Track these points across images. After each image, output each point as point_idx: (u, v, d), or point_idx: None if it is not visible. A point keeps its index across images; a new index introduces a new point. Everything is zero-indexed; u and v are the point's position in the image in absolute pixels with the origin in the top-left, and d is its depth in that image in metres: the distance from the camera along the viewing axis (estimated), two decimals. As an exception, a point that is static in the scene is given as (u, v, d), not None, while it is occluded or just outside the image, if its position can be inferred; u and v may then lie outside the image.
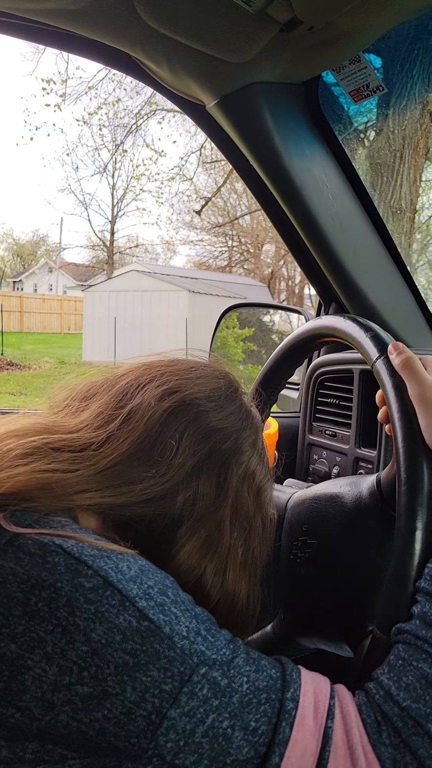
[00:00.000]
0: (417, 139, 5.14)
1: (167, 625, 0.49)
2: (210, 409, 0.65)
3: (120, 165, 22.07)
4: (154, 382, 0.66)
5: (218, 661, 0.50)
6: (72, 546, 0.50)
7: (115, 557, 0.51)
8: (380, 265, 1.31)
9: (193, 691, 0.47)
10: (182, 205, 20.89)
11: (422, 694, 0.50)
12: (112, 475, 0.59)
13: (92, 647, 0.46)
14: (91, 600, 0.47)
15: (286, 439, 1.46)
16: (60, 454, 0.59)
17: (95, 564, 0.49)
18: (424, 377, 0.61)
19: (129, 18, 0.87)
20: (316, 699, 0.51)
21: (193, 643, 0.49)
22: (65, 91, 11.91)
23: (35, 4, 0.86)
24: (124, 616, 0.47)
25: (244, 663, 0.51)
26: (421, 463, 0.57)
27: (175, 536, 0.60)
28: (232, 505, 0.63)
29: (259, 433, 0.71)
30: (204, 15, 0.83)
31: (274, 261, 23.01)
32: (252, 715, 0.49)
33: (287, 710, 0.49)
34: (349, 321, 0.73)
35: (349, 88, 1.06)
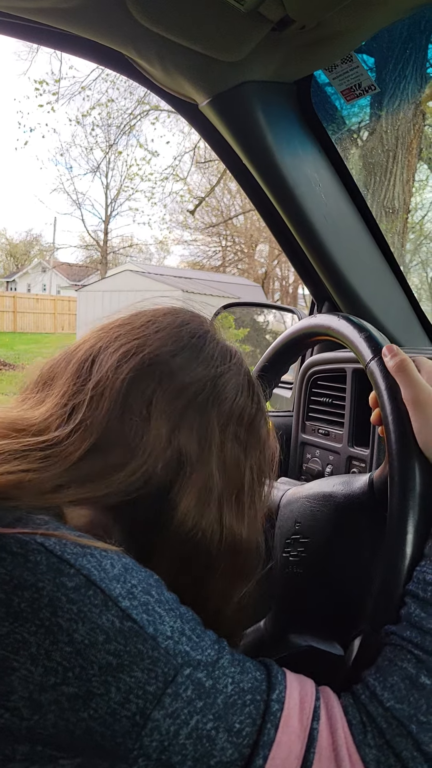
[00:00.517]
0: (410, 138, 5.15)
1: (151, 626, 0.48)
2: (175, 364, 0.60)
3: (113, 165, 22.05)
4: (109, 348, 0.61)
5: (203, 661, 0.49)
6: (54, 544, 0.49)
7: (98, 555, 0.50)
8: (372, 264, 1.31)
9: (177, 692, 0.47)
10: (176, 205, 20.89)
11: (406, 694, 0.50)
12: (87, 468, 0.56)
13: (76, 648, 0.45)
14: (73, 600, 0.46)
15: (279, 437, 1.46)
16: (30, 453, 0.56)
17: (78, 562, 0.48)
18: (417, 380, 0.61)
19: (121, 17, 0.87)
20: (302, 700, 0.51)
21: (178, 643, 0.49)
22: (58, 90, 11.88)
23: (28, 3, 0.86)
24: (107, 616, 0.47)
25: (229, 664, 0.51)
26: (414, 466, 0.58)
27: (168, 501, 0.58)
28: (219, 456, 0.60)
29: (242, 369, 0.66)
30: (196, 14, 0.83)
31: (268, 261, 23.03)
32: (236, 716, 0.48)
33: (272, 711, 0.49)
34: (343, 321, 0.73)
35: (341, 87, 1.06)
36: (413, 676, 0.50)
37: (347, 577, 0.70)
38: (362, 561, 0.69)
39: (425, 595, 0.53)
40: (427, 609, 0.53)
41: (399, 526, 0.57)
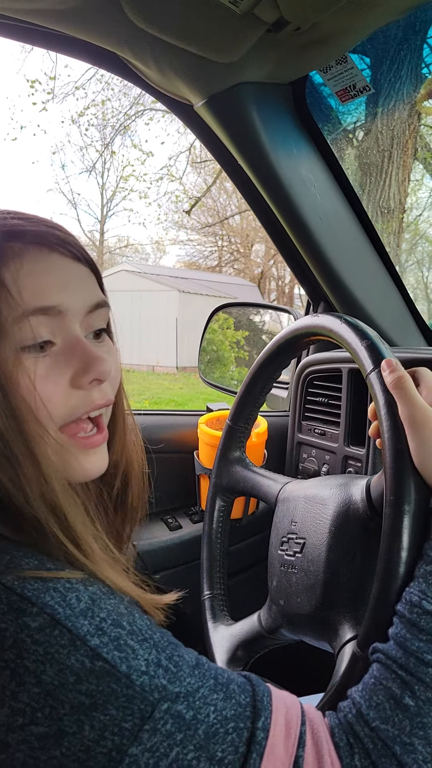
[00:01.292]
0: (405, 138, 5.16)
1: (123, 663, 0.46)
2: None
3: (109, 165, 22.03)
4: None
5: (182, 693, 0.47)
6: (12, 580, 0.47)
7: (62, 588, 0.48)
8: (368, 264, 1.32)
9: (156, 728, 0.45)
10: (172, 205, 20.89)
11: (391, 715, 0.50)
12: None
13: (44, 689, 0.44)
14: (38, 641, 0.45)
15: (275, 437, 1.47)
16: None
17: (40, 600, 0.46)
18: (413, 398, 0.60)
19: (116, 18, 0.87)
20: (288, 727, 0.50)
21: (154, 677, 0.47)
22: (53, 89, 11.87)
23: (22, 4, 0.86)
24: (75, 656, 0.45)
25: (210, 691, 0.49)
26: (409, 485, 0.58)
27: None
28: None
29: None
30: (191, 15, 0.83)
31: (264, 261, 23.03)
32: (218, 745, 0.47)
33: (257, 741, 0.48)
34: (345, 325, 0.72)
35: (336, 88, 1.06)
36: (398, 696, 0.50)
37: (340, 584, 0.70)
38: (355, 567, 0.69)
39: (411, 616, 0.53)
40: (412, 630, 0.53)
41: (391, 546, 0.57)
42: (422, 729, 0.49)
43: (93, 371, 0.57)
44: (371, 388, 0.65)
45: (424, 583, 0.54)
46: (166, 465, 1.38)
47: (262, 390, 0.96)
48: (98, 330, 0.62)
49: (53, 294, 0.56)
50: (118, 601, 0.51)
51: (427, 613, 0.52)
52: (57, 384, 0.56)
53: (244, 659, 0.87)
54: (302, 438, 1.39)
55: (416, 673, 0.51)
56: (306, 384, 1.38)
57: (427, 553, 0.55)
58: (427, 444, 0.58)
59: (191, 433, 1.43)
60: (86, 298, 0.60)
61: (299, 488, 0.84)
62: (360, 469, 1.19)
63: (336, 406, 1.28)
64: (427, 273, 10.06)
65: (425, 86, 4.25)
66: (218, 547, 1.00)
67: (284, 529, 0.82)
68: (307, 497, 0.80)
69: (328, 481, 0.79)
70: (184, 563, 1.34)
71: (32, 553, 0.52)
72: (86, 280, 0.61)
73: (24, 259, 0.55)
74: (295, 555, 0.77)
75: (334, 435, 1.28)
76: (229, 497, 1.01)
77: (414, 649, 0.52)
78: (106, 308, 0.63)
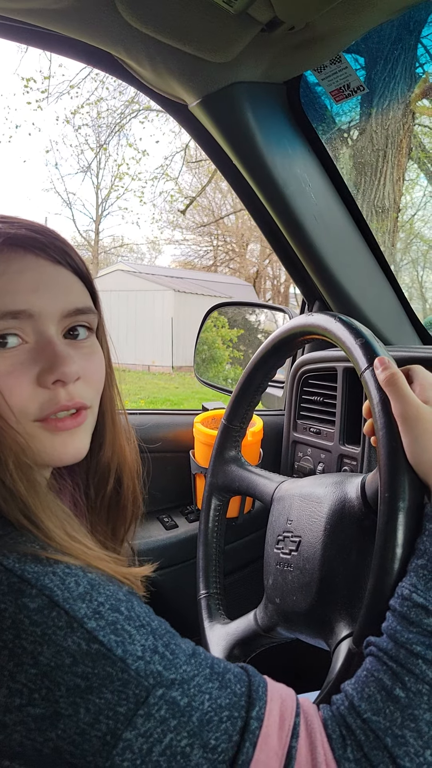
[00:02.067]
0: (400, 138, 5.17)
1: (119, 647, 0.47)
2: None
3: (104, 164, 22.01)
4: None
5: (177, 680, 0.48)
6: (13, 563, 0.48)
7: (61, 572, 0.49)
8: (363, 263, 1.32)
9: (150, 713, 0.46)
10: (167, 205, 20.87)
11: (382, 706, 0.50)
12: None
13: (41, 670, 0.44)
14: (36, 622, 0.45)
15: (271, 436, 1.47)
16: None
17: (39, 582, 0.47)
18: (406, 395, 0.60)
19: (111, 18, 0.87)
20: (282, 717, 0.50)
21: (149, 663, 0.47)
22: (47, 88, 11.84)
23: (17, 4, 0.86)
24: (72, 638, 0.46)
25: (205, 680, 0.50)
26: (403, 482, 0.58)
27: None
28: None
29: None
30: (185, 15, 0.83)
31: (259, 260, 23.03)
32: (212, 733, 0.47)
33: (251, 730, 0.48)
34: (340, 323, 0.73)
35: (330, 87, 1.06)
36: (389, 688, 0.51)
37: (336, 581, 0.70)
38: (351, 565, 0.70)
39: (401, 609, 0.54)
40: (402, 622, 0.53)
41: (386, 542, 0.57)
42: (413, 721, 0.49)
43: (56, 372, 0.57)
44: (365, 386, 0.65)
45: (415, 576, 0.55)
46: (161, 464, 1.38)
47: (258, 389, 0.97)
48: (76, 331, 0.63)
49: (24, 297, 0.57)
50: (117, 588, 0.52)
51: (417, 605, 0.53)
52: (19, 380, 0.56)
53: (241, 658, 0.87)
54: (297, 437, 1.39)
55: (406, 665, 0.51)
56: (301, 383, 1.38)
57: (418, 548, 0.56)
58: (419, 440, 0.58)
59: (187, 432, 1.43)
60: (64, 301, 0.60)
61: (295, 487, 0.84)
62: (355, 468, 1.20)
63: (331, 405, 1.28)
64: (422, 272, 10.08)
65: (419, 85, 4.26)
66: (214, 546, 1.01)
67: (280, 528, 0.82)
68: (302, 496, 0.80)
69: (324, 479, 0.79)
70: (180, 562, 1.34)
71: (34, 538, 0.52)
72: (66, 284, 0.61)
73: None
74: (290, 553, 0.78)
75: (329, 434, 1.28)
76: (225, 496, 1.01)
77: (404, 641, 0.52)
78: (90, 314, 0.64)
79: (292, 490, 0.84)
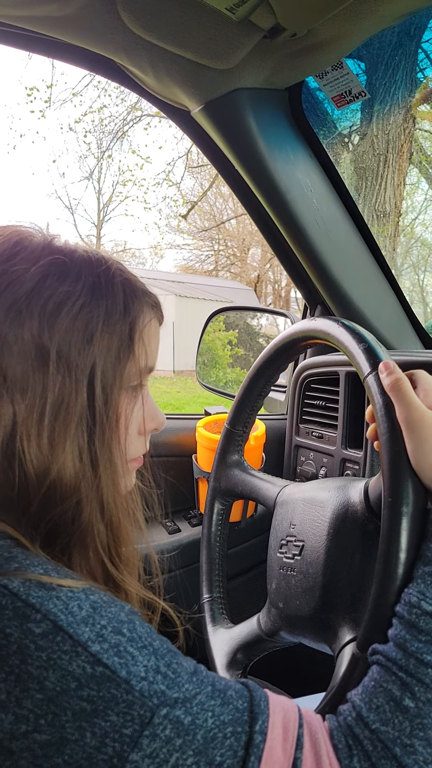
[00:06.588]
0: (401, 142, 5.18)
1: (123, 669, 0.47)
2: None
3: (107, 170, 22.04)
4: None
5: (180, 699, 0.48)
6: (18, 587, 0.48)
7: (65, 596, 0.49)
8: (364, 267, 1.32)
9: (155, 733, 0.46)
10: (169, 210, 20.88)
11: (391, 716, 0.50)
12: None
13: (47, 695, 0.45)
14: (41, 647, 0.46)
15: (273, 440, 1.47)
16: None
17: (43, 607, 0.47)
18: (411, 400, 0.60)
19: (113, 25, 0.87)
20: (285, 729, 0.50)
21: (153, 683, 0.47)
22: (50, 97, 11.88)
23: (20, 11, 0.86)
24: (77, 662, 0.46)
25: (208, 698, 0.50)
26: (406, 486, 0.58)
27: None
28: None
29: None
30: (188, 22, 0.84)
31: (260, 265, 23.04)
32: (217, 750, 0.47)
33: (255, 744, 0.48)
34: (342, 328, 0.73)
35: (332, 93, 1.07)
36: (398, 698, 0.50)
37: (339, 586, 0.70)
38: (354, 569, 0.69)
39: (410, 617, 0.53)
40: (411, 631, 0.53)
41: (389, 548, 0.57)
42: (422, 730, 0.49)
43: (156, 422, 0.69)
44: (369, 390, 0.65)
45: (422, 583, 0.54)
46: (164, 468, 1.38)
47: (260, 393, 0.97)
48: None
49: (155, 358, 0.68)
50: (119, 609, 0.52)
51: (426, 613, 0.53)
52: (135, 427, 0.66)
53: (244, 662, 0.87)
54: (300, 441, 1.39)
55: (416, 675, 0.51)
56: (303, 387, 1.39)
57: (425, 554, 0.56)
58: (423, 445, 0.58)
59: (189, 436, 1.43)
60: None
61: (298, 491, 0.84)
62: (358, 472, 1.20)
63: (333, 409, 1.28)
64: (423, 276, 10.08)
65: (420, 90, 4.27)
66: (217, 550, 1.01)
67: (283, 532, 0.82)
68: (305, 500, 0.80)
69: (327, 483, 0.79)
70: (183, 567, 1.34)
71: (39, 561, 0.53)
72: None
73: (155, 324, 0.68)
74: (294, 557, 0.78)
75: (331, 438, 1.28)
76: (228, 500, 1.01)
77: (413, 650, 0.52)
78: None
79: (295, 494, 0.84)
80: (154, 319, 0.67)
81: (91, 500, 0.59)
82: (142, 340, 0.63)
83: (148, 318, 0.65)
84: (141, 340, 0.63)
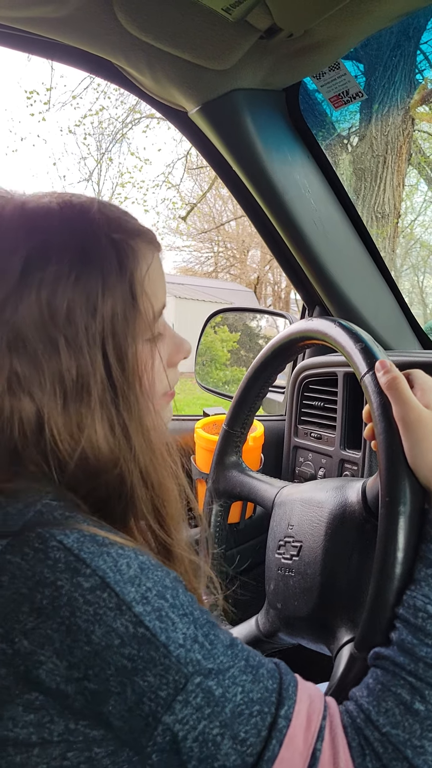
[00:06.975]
0: (400, 144, 5.19)
1: (163, 633, 0.48)
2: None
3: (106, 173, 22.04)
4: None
5: (214, 670, 0.49)
6: (73, 542, 0.49)
7: (115, 554, 0.50)
8: (363, 268, 1.32)
9: (187, 700, 0.47)
10: (168, 212, 20.89)
11: (401, 720, 0.50)
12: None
13: (94, 648, 0.47)
14: (89, 601, 0.47)
15: (271, 441, 1.47)
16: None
17: (94, 563, 0.49)
18: (407, 399, 0.60)
19: (111, 26, 0.87)
20: (309, 719, 0.51)
21: (190, 651, 0.49)
22: (49, 99, 11.88)
23: (17, 12, 0.86)
24: (121, 620, 0.47)
25: (240, 672, 0.51)
26: (404, 486, 0.58)
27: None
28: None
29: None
30: (184, 23, 0.84)
31: (259, 266, 23.04)
32: (242, 726, 0.49)
33: (279, 728, 0.49)
34: (339, 328, 0.73)
35: (330, 94, 1.07)
36: (408, 702, 0.51)
37: (337, 586, 0.70)
38: (352, 569, 0.69)
39: (416, 621, 0.54)
40: (418, 635, 0.53)
41: (387, 547, 0.57)
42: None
43: (183, 351, 0.69)
44: (365, 390, 0.65)
45: (426, 586, 0.55)
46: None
47: (258, 394, 0.97)
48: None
49: (164, 294, 0.65)
50: (165, 574, 0.53)
51: None
52: (160, 365, 0.65)
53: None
54: (298, 442, 1.39)
55: (425, 678, 0.51)
56: (302, 388, 1.38)
57: (426, 556, 0.56)
58: (420, 444, 0.58)
59: (188, 437, 1.43)
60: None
61: (296, 492, 0.84)
62: (356, 473, 1.19)
63: (332, 410, 1.28)
64: (422, 277, 10.09)
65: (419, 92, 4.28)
66: (215, 551, 1.01)
67: (281, 533, 0.82)
68: (303, 500, 0.80)
69: (325, 484, 0.79)
70: (182, 568, 1.33)
71: (94, 521, 0.54)
72: None
73: (156, 263, 0.63)
74: (292, 558, 0.78)
75: (330, 439, 1.28)
76: (226, 502, 1.01)
77: (422, 655, 0.52)
78: None
79: (293, 495, 0.84)
80: (153, 259, 0.62)
81: (131, 469, 0.58)
82: (145, 292, 0.60)
83: (146, 264, 0.60)
84: (144, 293, 0.60)
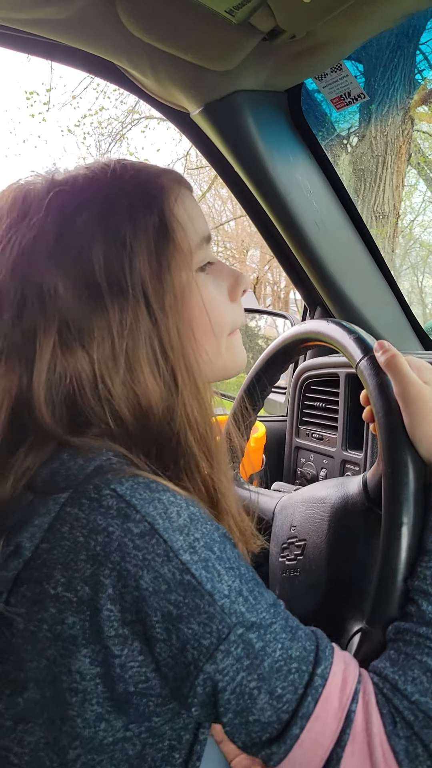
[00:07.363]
0: (399, 144, 5.19)
1: (209, 582, 0.49)
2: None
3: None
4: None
5: (256, 623, 0.50)
6: (126, 489, 0.50)
7: (166, 501, 0.51)
8: (364, 269, 1.32)
9: (229, 650, 0.48)
10: (167, 212, 20.79)
11: (429, 687, 0.51)
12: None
13: (142, 594, 0.48)
14: (138, 546, 0.48)
15: (273, 442, 1.47)
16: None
17: (144, 509, 0.49)
18: (407, 374, 0.61)
19: (113, 27, 0.87)
20: (344, 680, 0.51)
21: (234, 602, 0.49)
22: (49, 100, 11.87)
23: (21, 14, 0.86)
24: (168, 567, 0.48)
25: (281, 629, 0.51)
26: (405, 459, 0.58)
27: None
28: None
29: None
30: (187, 25, 0.84)
31: (259, 266, 23.04)
32: (279, 681, 0.49)
33: (315, 686, 0.50)
34: (332, 324, 0.74)
35: (331, 95, 1.07)
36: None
37: (343, 578, 0.70)
38: (358, 562, 0.70)
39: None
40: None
41: (393, 519, 0.57)
42: None
43: (242, 283, 0.66)
44: (361, 374, 0.66)
45: None
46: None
47: (259, 397, 0.97)
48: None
49: (205, 224, 0.64)
50: (214, 528, 0.53)
51: None
52: (222, 298, 0.65)
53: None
54: (300, 443, 1.40)
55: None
56: (303, 389, 1.39)
57: None
58: (421, 418, 0.59)
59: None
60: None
61: (294, 495, 0.85)
62: (358, 473, 1.19)
63: (333, 411, 1.28)
64: (422, 277, 10.10)
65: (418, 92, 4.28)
66: None
67: (284, 536, 0.82)
68: (305, 500, 0.80)
69: (325, 482, 0.80)
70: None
71: (150, 469, 0.55)
72: None
73: (186, 195, 0.63)
74: (296, 558, 0.78)
75: (331, 439, 1.28)
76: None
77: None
78: None
79: (293, 498, 0.84)
80: (183, 191, 0.62)
81: (181, 418, 0.58)
82: (178, 222, 0.59)
83: (174, 196, 0.60)
84: (177, 222, 0.59)
